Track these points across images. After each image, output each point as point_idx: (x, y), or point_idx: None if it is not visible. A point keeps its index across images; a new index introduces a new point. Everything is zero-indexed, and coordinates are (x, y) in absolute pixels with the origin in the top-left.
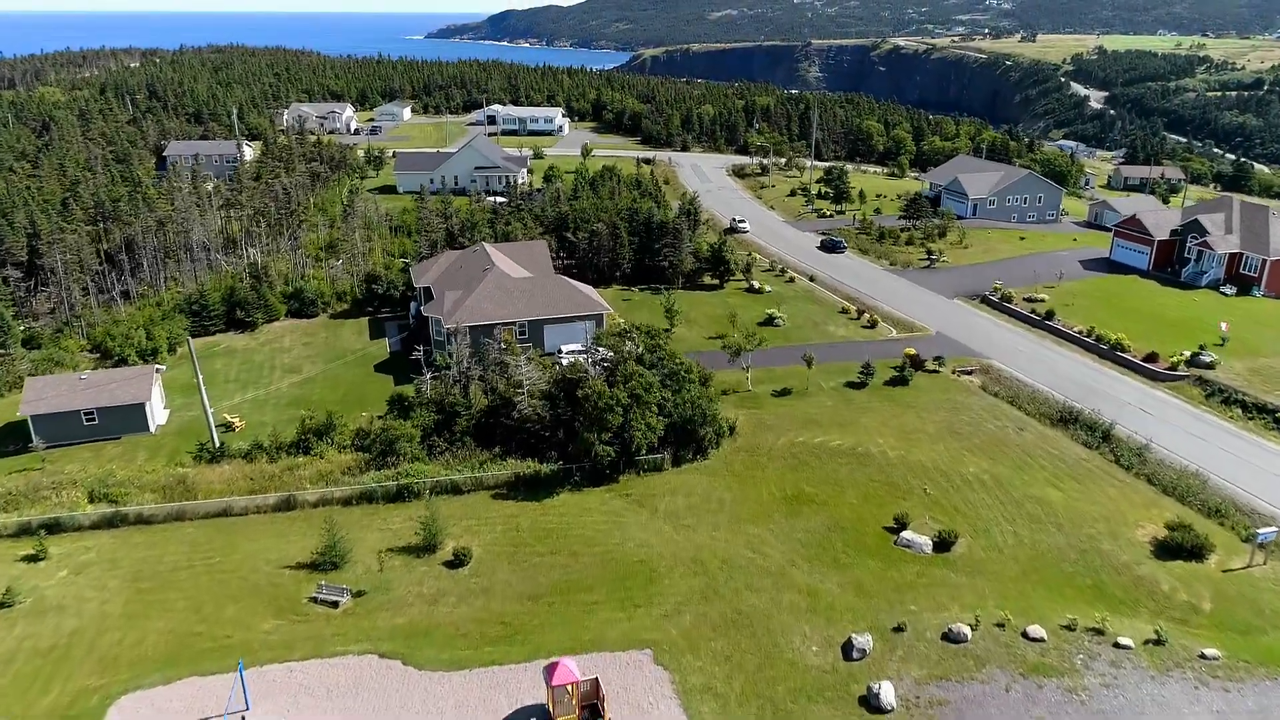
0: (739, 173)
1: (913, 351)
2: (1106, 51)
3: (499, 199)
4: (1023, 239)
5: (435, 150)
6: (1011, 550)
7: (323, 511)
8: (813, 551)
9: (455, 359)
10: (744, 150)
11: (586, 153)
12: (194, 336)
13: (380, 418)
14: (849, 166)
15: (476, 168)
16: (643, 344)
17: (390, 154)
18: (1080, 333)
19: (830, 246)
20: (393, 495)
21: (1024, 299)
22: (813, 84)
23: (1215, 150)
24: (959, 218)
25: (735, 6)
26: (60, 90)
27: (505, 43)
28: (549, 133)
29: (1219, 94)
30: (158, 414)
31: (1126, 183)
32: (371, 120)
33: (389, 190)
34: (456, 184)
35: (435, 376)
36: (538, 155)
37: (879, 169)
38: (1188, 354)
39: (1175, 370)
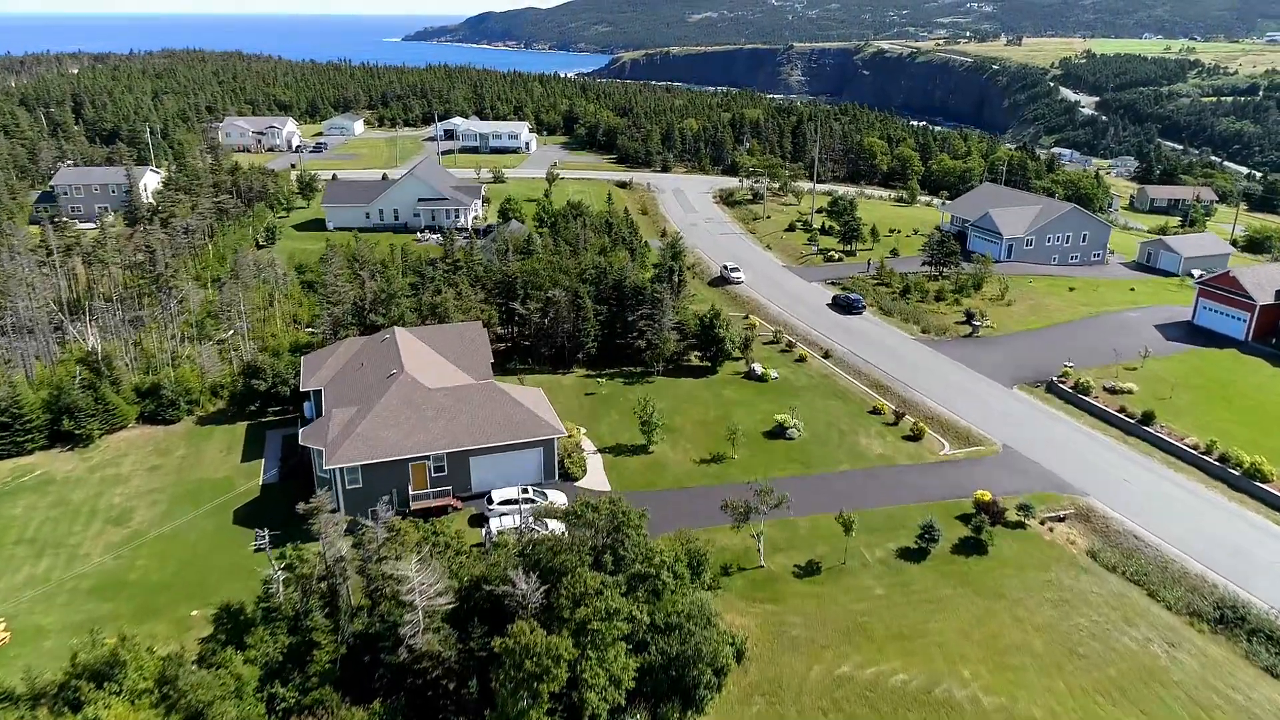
0: (727, 199)
1: (987, 496)
2: (1095, 55)
3: (433, 237)
4: (1072, 289)
5: (381, 175)
6: None
7: None
8: None
9: (324, 546)
10: (732, 170)
11: (552, 179)
12: (2, 457)
13: (205, 641)
14: (851, 191)
15: (420, 200)
16: (604, 528)
17: (331, 177)
18: (1197, 449)
19: (845, 306)
20: None
21: (1105, 388)
22: (795, 88)
23: (1214, 158)
24: (992, 260)
25: (715, 8)
26: None
27: (484, 45)
28: (514, 150)
29: (1213, 100)
30: None
31: (1153, 204)
32: (319, 135)
33: (317, 226)
34: (397, 218)
35: (288, 576)
36: (498, 179)
37: (884, 193)
38: None
39: None
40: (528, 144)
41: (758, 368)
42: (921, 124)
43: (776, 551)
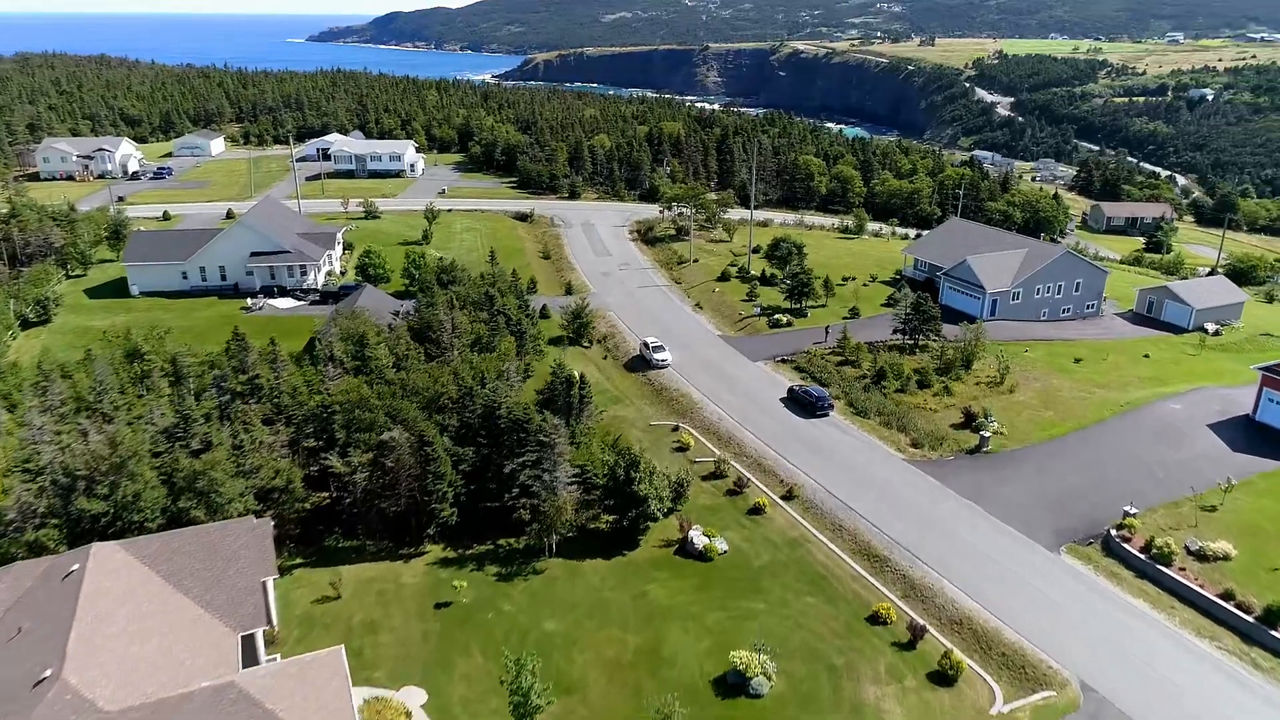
0: (646, 235)
1: None
2: (1007, 56)
3: (267, 303)
4: (1078, 361)
5: (226, 211)
6: None
7: None
8: None
9: None
10: (651, 196)
11: (433, 216)
12: None
13: None
14: (790, 219)
15: (253, 254)
16: None
17: (161, 215)
18: None
19: (808, 405)
20: None
21: (1188, 549)
22: (712, 89)
23: (1130, 158)
24: (970, 319)
25: (629, 8)
26: None
27: (392, 46)
28: (396, 174)
29: (1125, 100)
30: None
31: (1109, 223)
32: (168, 156)
33: (119, 292)
34: (224, 278)
35: None
36: (370, 214)
37: (827, 220)
38: None
39: None
40: (413, 166)
41: (697, 537)
42: (857, 137)
43: None
